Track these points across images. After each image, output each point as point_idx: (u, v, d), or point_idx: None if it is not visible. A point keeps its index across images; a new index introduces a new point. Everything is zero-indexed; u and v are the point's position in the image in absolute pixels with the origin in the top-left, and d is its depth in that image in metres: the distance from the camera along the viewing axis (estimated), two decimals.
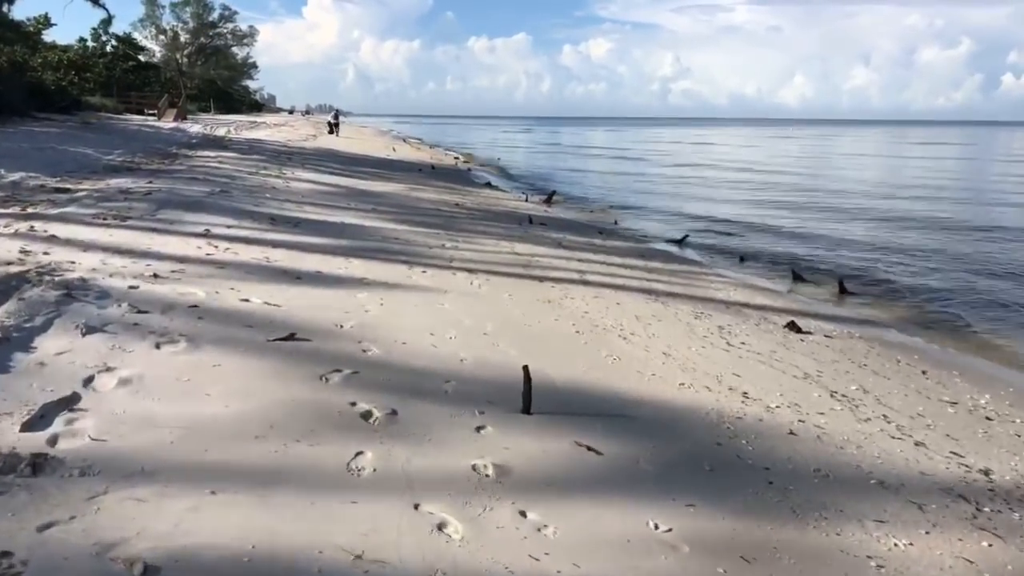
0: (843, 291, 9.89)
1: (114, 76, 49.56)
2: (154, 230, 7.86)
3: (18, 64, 29.95)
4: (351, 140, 41.99)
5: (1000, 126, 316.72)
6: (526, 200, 18.94)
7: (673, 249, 13.08)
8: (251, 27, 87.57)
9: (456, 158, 37.25)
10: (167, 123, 37.54)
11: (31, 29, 37.44)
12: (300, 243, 8.21)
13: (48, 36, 41.04)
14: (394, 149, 36.56)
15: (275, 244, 7.93)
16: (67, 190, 10.16)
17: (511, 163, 37.21)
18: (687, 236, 14.03)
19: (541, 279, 8.07)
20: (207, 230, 8.22)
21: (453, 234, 10.51)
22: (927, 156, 53.90)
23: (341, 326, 5.04)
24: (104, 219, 8.11)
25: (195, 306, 4.95)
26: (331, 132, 44.65)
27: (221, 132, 34.06)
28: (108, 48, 55.21)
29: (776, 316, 7.83)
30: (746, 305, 8.26)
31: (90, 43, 54.94)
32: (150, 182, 11.73)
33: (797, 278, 10.71)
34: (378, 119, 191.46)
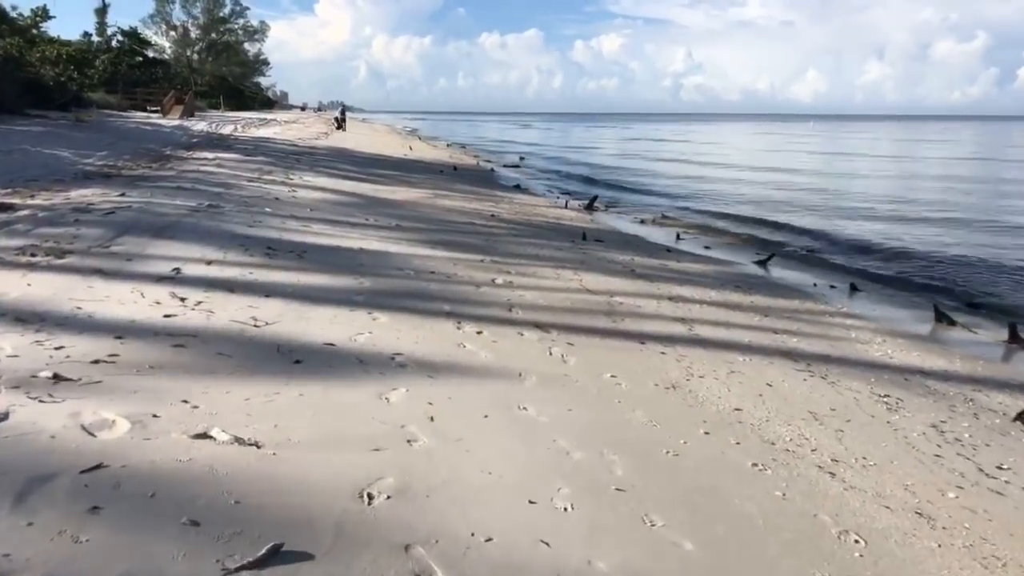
0: (1016, 339, 7.50)
1: (119, 72, 47.77)
2: (99, 272, 5.58)
3: (12, 58, 27.87)
4: (365, 138, 39.78)
5: (1017, 120, 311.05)
6: (565, 207, 16.66)
7: (762, 272, 10.75)
8: (262, 23, 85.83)
9: (476, 157, 34.99)
10: (171, 120, 35.43)
11: (28, 22, 35.36)
12: (304, 287, 5.91)
13: (54, 31, 39.09)
14: (411, 148, 34.30)
15: (269, 291, 5.63)
16: (10, 207, 7.93)
17: (533, 162, 34.89)
18: (772, 256, 11.67)
19: (640, 338, 5.74)
20: (176, 270, 5.94)
21: (501, 261, 8.21)
22: (977, 156, 51.31)
23: (370, 496, 2.73)
24: (32, 255, 5.84)
25: (98, 466, 2.64)
26: (338, 128, 44.19)
27: (227, 130, 31.92)
28: (114, 43, 53.47)
29: (980, 394, 5.49)
30: (924, 372, 5.91)
31: (95, 37, 53.22)
32: (122, 194, 9.47)
33: (942, 317, 8.32)
34: (390, 115, 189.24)
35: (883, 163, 39.70)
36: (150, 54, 59.88)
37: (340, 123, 45.81)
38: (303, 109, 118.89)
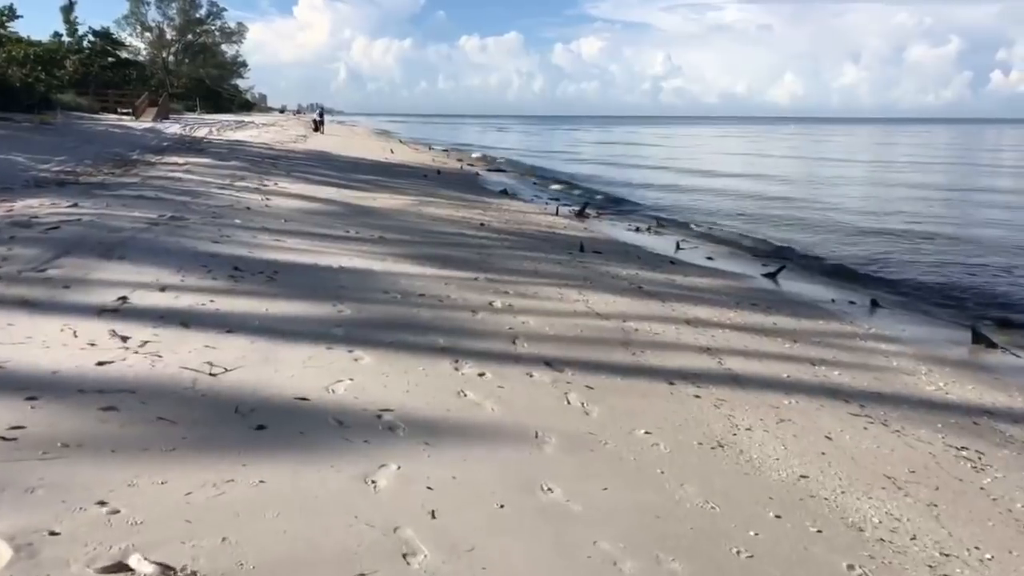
0: None
1: (91, 73, 46.53)
2: (25, 304, 4.69)
3: None
4: (344, 141, 38.83)
5: (990, 123, 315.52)
6: (556, 213, 15.87)
7: (773, 286, 10.01)
8: (240, 24, 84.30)
9: (459, 160, 34.17)
10: (144, 123, 34.27)
11: None
12: (274, 319, 5.05)
13: (23, 31, 37.68)
14: (392, 151, 33.40)
15: (231, 325, 4.77)
16: None
17: (517, 165, 34.14)
18: (783, 267, 10.93)
19: (667, 376, 4.94)
20: (123, 299, 5.05)
21: (497, 279, 7.39)
22: (968, 162, 51.28)
23: None
24: None
25: None
26: (316, 130, 43.60)
27: (201, 133, 30.86)
28: (85, 43, 52.09)
29: None
30: (989, 412, 5.15)
31: (66, 38, 51.73)
32: (74, 204, 8.53)
33: (979, 338, 7.61)
34: (370, 118, 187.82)
35: (875, 169, 39.15)
36: (124, 55, 58.51)
37: (318, 125, 45.17)
38: (282, 111, 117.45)
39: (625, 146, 59.53)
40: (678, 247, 12.73)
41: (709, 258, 11.96)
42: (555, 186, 24.92)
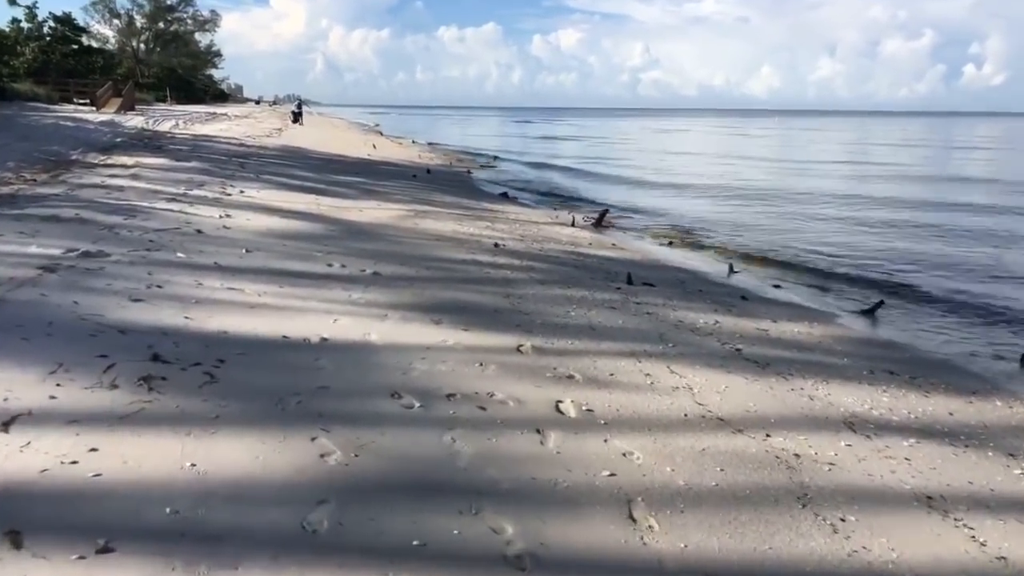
0: None
1: (52, 61, 43.82)
2: None
3: None
4: (323, 134, 36.25)
5: (964, 116, 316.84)
6: (573, 224, 13.58)
7: (883, 334, 7.81)
8: (213, 12, 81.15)
9: (446, 156, 31.79)
10: (104, 115, 31.49)
11: None
12: (202, 500, 2.71)
13: None
14: (374, 146, 30.92)
15: (114, 528, 2.43)
16: None
17: (505, 161, 31.82)
18: (882, 303, 8.69)
19: None
20: None
21: (546, 346, 5.11)
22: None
23: None
24: None
25: None
26: (295, 122, 41.73)
27: (166, 126, 28.22)
28: (45, 29, 49.06)
29: None
30: None
31: (24, 24, 48.56)
32: None
33: None
34: (348, 109, 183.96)
35: (901, 172, 36.89)
36: (90, 43, 55.41)
37: (297, 117, 43.32)
38: (258, 103, 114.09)
39: (622, 142, 57.34)
40: (731, 270, 10.51)
41: (776, 286, 9.76)
42: (550, 176, 22.64)
